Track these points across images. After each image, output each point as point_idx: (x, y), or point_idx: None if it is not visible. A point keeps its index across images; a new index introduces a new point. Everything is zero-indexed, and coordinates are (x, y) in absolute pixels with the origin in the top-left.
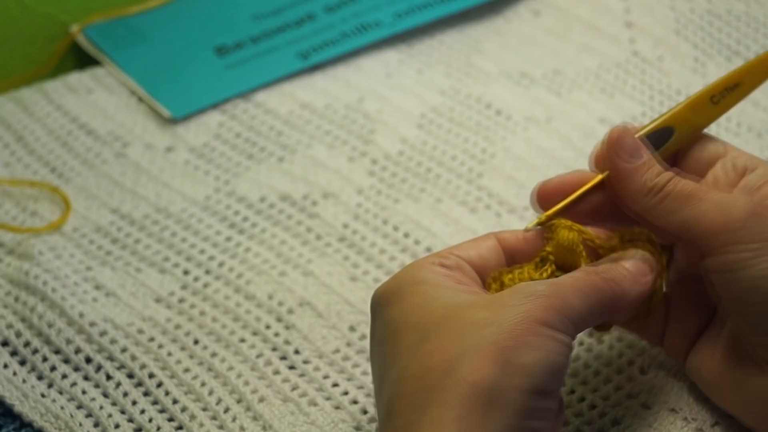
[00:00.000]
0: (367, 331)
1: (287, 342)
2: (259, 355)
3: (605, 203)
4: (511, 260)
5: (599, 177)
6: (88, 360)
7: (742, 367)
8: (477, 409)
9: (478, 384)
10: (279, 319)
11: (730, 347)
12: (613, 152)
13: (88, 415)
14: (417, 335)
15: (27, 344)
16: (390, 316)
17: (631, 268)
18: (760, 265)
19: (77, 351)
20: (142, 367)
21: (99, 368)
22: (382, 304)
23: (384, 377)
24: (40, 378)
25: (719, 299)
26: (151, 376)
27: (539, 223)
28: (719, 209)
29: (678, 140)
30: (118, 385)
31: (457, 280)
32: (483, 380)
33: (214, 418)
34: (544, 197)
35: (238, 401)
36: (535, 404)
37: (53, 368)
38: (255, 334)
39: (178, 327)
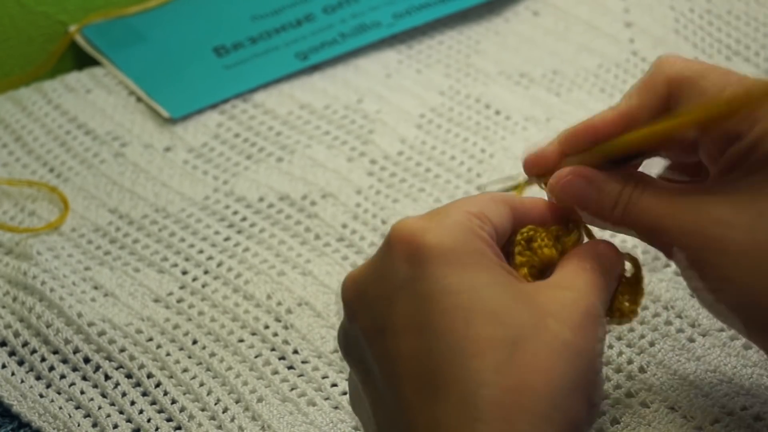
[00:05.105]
0: None
1: (286, 342)
2: (257, 355)
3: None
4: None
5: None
6: (87, 360)
7: None
8: None
9: (574, 424)
10: (278, 319)
11: None
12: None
13: (87, 415)
14: (502, 335)
15: (25, 344)
16: (452, 284)
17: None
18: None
19: (76, 351)
20: (141, 367)
21: (97, 368)
22: (431, 257)
23: (438, 361)
24: (38, 378)
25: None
26: (149, 376)
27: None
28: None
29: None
30: (117, 385)
31: (502, 265)
32: (579, 419)
33: (212, 418)
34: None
35: (237, 401)
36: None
37: (51, 368)
38: (254, 334)
39: (176, 327)
